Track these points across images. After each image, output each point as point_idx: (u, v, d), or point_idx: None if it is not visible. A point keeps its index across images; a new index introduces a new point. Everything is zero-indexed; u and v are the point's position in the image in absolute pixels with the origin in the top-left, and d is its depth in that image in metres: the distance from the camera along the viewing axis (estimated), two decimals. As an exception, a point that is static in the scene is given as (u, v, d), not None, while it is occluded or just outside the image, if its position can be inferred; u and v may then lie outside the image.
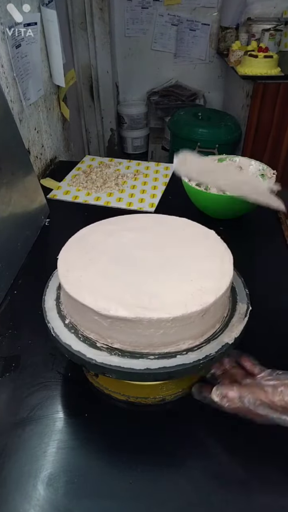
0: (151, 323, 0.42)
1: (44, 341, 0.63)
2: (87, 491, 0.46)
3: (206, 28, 2.41)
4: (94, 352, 0.45)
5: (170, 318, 0.42)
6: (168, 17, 2.41)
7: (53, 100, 1.24)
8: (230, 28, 2.32)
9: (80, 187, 1.11)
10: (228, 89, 2.47)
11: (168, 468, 0.49)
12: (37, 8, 1.03)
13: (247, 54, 1.92)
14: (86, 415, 0.54)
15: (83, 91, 2.46)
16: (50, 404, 0.55)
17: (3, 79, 0.90)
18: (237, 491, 0.46)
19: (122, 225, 0.58)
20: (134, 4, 2.38)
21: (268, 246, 0.89)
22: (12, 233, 0.80)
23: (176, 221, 0.59)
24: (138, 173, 1.20)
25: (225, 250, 0.52)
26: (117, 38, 2.46)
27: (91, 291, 0.45)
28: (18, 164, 0.85)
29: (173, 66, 2.58)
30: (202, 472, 0.48)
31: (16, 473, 0.48)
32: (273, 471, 0.48)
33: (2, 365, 0.61)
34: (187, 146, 2.04)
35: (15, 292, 0.75)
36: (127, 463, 0.49)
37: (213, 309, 0.45)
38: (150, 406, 0.55)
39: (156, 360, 0.45)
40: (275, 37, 2.05)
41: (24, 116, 1.04)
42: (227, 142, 2.03)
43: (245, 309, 0.51)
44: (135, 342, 0.45)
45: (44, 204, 0.97)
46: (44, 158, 1.21)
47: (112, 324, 0.44)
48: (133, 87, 2.67)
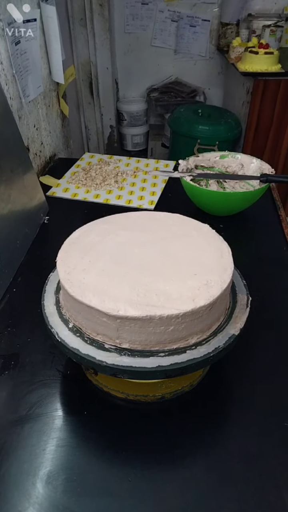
0: (162, 320, 0.43)
1: (43, 339, 0.63)
2: (86, 489, 0.46)
3: (206, 24, 2.40)
4: (103, 354, 0.45)
5: (180, 314, 0.43)
6: (168, 13, 2.40)
7: (53, 97, 1.23)
8: (231, 24, 2.31)
9: (80, 185, 1.11)
10: (229, 85, 2.46)
11: (167, 466, 0.49)
12: (37, 5, 1.03)
13: (248, 51, 1.91)
14: (85, 413, 0.54)
15: (82, 88, 2.45)
16: (49, 402, 0.55)
17: (2, 76, 0.89)
18: (237, 490, 0.46)
19: (116, 224, 0.58)
20: (134, 0, 2.37)
21: (268, 243, 0.89)
22: (11, 231, 0.80)
23: (169, 217, 0.59)
24: (137, 170, 1.19)
25: (222, 243, 0.53)
26: (117, 34, 2.45)
27: (97, 293, 0.45)
28: (17, 161, 0.85)
29: (173, 63, 2.56)
30: (202, 470, 0.48)
31: (15, 471, 0.48)
32: (274, 469, 0.48)
33: (1, 363, 0.61)
34: (187, 143, 2.05)
35: (14, 290, 0.75)
36: (126, 461, 0.49)
37: (219, 302, 0.46)
38: (149, 404, 0.55)
39: (167, 357, 0.45)
40: (275, 33, 2.04)
41: (24, 113, 1.03)
42: (227, 139, 2.02)
43: (246, 300, 0.52)
44: (144, 340, 0.45)
45: (43, 201, 0.97)
46: (44, 155, 1.20)
47: (122, 324, 0.43)
48: (133, 84, 2.66)
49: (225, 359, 0.49)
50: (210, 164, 1.01)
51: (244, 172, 0.99)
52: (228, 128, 2.03)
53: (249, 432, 0.52)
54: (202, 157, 1.01)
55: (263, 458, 0.49)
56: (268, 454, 0.49)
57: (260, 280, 0.75)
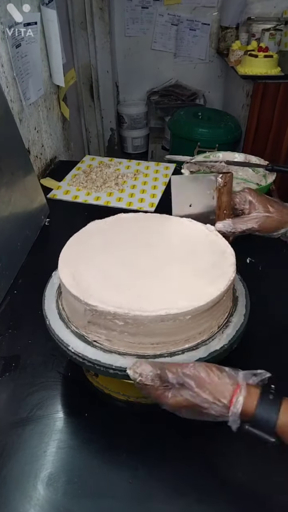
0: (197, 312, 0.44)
1: (44, 341, 0.63)
2: (87, 491, 0.46)
3: (206, 28, 2.41)
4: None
5: (206, 308, 0.45)
6: (168, 17, 2.41)
7: (53, 100, 1.24)
8: (230, 27, 2.31)
9: (80, 187, 1.11)
10: (228, 89, 2.47)
11: (167, 467, 0.49)
12: (37, 8, 1.03)
13: (247, 54, 1.92)
14: (86, 414, 0.54)
15: (83, 91, 2.45)
16: (50, 403, 0.55)
17: (3, 79, 0.90)
18: (237, 491, 0.46)
19: (117, 225, 0.58)
20: (134, 3, 2.38)
21: (268, 244, 0.89)
22: (12, 233, 0.80)
23: (165, 218, 0.60)
24: (138, 172, 1.20)
25: (221, 239, 0.54)
26: (117, 37, 2.46)
27: (98, 294, 0.45)
28: (18, 164, 0.85)
29: (173, 66, 2.57)
30: (202, 472, 0.48)
31: (16, 473, 0.48)
32: (275, 472, 0.48)
33: (2, 365, 0.61)
34: (187, 145, 2.04)
35: (15, 292, 0.75)
36: (126, 462, 0.49)
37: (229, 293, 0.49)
38: (150, 406, 0.55)
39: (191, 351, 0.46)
40: (275, 36, 2.04)
41: (24, 115, 1.04)
42: (227, 141, 2.02)
43: (244, 292, 0.55)
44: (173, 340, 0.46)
45: (44, 203, 0.97)
46: (44, 157, 1.21)
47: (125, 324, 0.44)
48: (133, 87, 2.66)
49: (225, 360, 0.49)
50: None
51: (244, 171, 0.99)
52: (228, 131, 2.04)
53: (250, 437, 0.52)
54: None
55: (265, 459, 0.49)
56: (270, 457, 0.49)
57: (260, 281, 0.75)
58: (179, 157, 1.03)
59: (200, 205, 0.57)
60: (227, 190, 0.54)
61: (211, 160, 1.00)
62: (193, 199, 0.57)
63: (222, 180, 0.53)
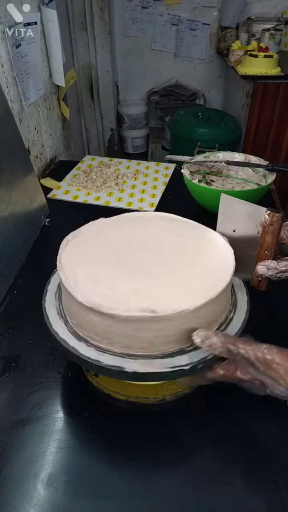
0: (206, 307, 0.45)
1: (44, 341, 0.63)
2: (87, 491, 0.46)
3: (206, 28, 2.41)
4: (139, 363, 0.45)
5: (217, 300, 0.45)
6: (168, 17, 2.41)
7: (53, 100, 1.24)
8: (230, 27, 2.32)
9: (80, 187, 1.11)
10: (228, 89, 2.47)
11: (168, 468, 0.49)
12: (37, 8, 1.03)
13: (247, 54, 1.92)
14: (86, 414, 0.54)
15: (83, 91, 2.46)
16: (50, 403, 0.55)
17: (3, 79, 0.90)
18: (238, 492, 0.46)
19: (116, 225, 0.58)
20: (134, 3, 2.38)
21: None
22: (12, 233, 0.80)
23: (168, 218, 0.60)
24: (138, 172, 1.20)
25: (219, 237, 0.54)
26: (117, 37, 2.46)
27: (98, 295, 0.45)
28: (18, 164, 0.85)
29: (173, 66, 2.57)
30: (203, 472, 0.48)
31: (16, 473, 0.48)
32: (274, 471, 0.48)
33: (2, 365, 0.61)
34: (187, 145, 2.04)
35: (15, 292, 0.75)
36: (127, 462, 0.49)
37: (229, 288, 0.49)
38: (150, 405, 0.55)
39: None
40: (275, 36, 2.05)
41: (24, 115, 1.04)
42: (227, 142, 2.03)
43: (244, 286, 0.55)
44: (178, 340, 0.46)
45: (44, 203, 0.97)
46: (44, 157, 1.21)
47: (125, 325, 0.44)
48: (133, 87, 2.66)
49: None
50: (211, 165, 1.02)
51: (244, 171, 0.99)
52: (228, 131, 2.04)
53: (250, 433, 0.52)
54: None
55: (266, 459, 0.49)
56: (269, 456, 0.49)
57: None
58: (179, 157, 1.03)
59: (243, 234, 0.53)
60: (272, 231, 0.48)
61: (211, 160, 1.00)
62: (238, 225, 0.53)
63: (269, 218, 0.48)
